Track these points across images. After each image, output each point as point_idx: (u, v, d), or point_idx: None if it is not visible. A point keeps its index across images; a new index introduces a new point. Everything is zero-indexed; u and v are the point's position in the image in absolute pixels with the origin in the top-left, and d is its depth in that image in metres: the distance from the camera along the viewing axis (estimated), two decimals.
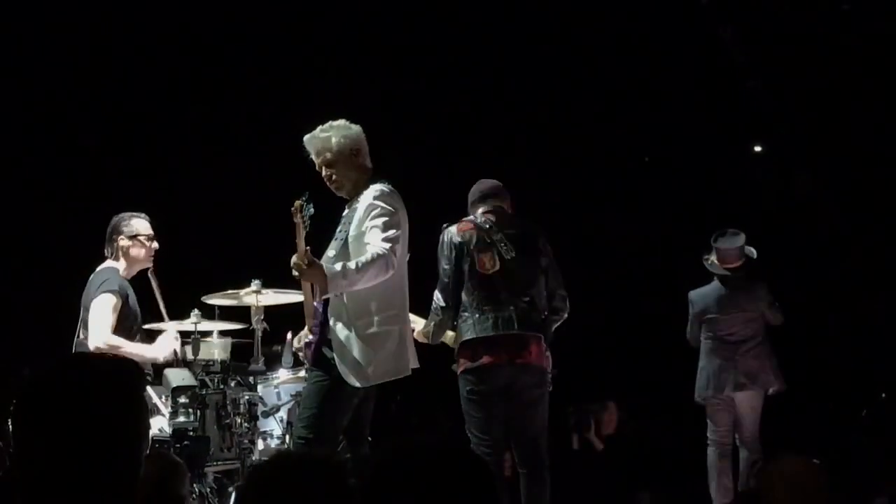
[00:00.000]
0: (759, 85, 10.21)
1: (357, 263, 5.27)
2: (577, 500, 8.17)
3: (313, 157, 5.62)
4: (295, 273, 5.36)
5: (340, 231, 5.57)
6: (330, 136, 5.57)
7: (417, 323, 6.08)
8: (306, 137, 5.64)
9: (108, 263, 6.70)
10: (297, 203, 5.37)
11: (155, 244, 6.73)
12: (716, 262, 7.75)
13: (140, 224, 6.73)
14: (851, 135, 10.07)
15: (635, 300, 10.09)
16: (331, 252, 5.53)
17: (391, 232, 5.37)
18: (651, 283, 9.79)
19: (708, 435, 7.69)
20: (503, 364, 5.88)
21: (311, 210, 5.36)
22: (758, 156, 11.07)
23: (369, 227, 5.40)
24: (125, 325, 6.56)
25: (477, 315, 5.91)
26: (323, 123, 5.65)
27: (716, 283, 7.80)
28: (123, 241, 6.69)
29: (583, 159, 10.34)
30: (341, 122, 5.64)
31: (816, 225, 10.48)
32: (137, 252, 6.69)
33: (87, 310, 6.52)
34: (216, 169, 9.28)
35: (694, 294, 7.87)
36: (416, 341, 5.81)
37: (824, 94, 9.92)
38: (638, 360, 9.82)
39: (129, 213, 6.76)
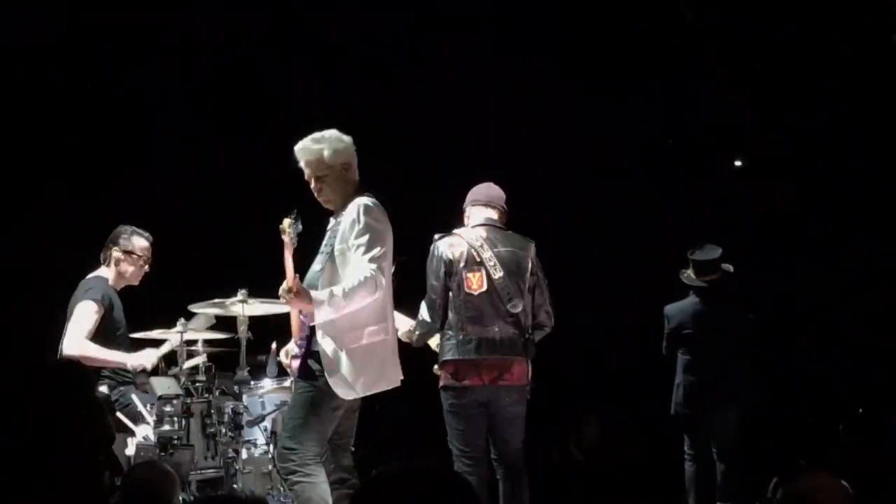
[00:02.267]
0: (741, 99, 10.29)
1: (344, 289, 5.26)
2: None
3: (303, 167, 5.58)
4: (283, 300, 5.38)
5: (326, 244, 5.54)
6: (322, 148, 5.52)
7: (403, 324, 6.12)
8: (297, 147, 5.57)
9: (98, 272, 6.77)
10: (286, 221, 5.37)
11: (147, 267, 6.78)
12: (692, 275, 7.74)
13: (138, 242, 6.78)
14: (834, 148, 10.15)
15: (618, 314, 10.13)
16: (317, 266, 5.53)
17: (376, 250, 5.36)
18: (633, 297, 9.84)
19: (685, 449, 7.70)
20: (485, 385, 5.99)
21: (300, 227, 5.37)
22: (738, 170, 11.13)
23: (354, 246, 5.38)
24: (108, 333, 6.60)
25: (461, 336, 5.97)
26: (313, 132, 5.57)
27: (692, 298, 7.73)
28: (117, 253, 6.76)
29: (563, 174, 10.39)
30: (333, 133, 5.58)
31: (796, 238, 10.56)
32: (127, 268, 6.74)
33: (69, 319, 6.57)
34: (204, 176, 9.30)
35: (670, 308, 7.80)
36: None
37: (807, 107, 10.00)
38: (619, 374, 9.86)
39: (132, 228, 6.81)
